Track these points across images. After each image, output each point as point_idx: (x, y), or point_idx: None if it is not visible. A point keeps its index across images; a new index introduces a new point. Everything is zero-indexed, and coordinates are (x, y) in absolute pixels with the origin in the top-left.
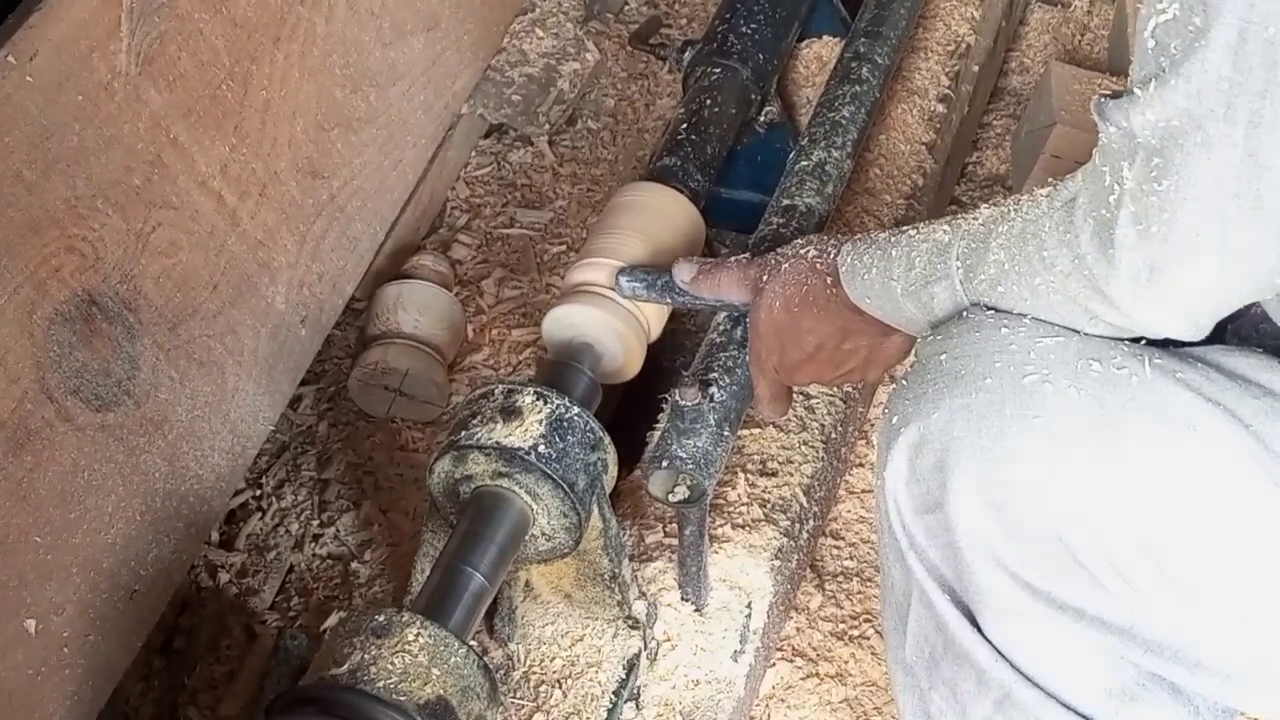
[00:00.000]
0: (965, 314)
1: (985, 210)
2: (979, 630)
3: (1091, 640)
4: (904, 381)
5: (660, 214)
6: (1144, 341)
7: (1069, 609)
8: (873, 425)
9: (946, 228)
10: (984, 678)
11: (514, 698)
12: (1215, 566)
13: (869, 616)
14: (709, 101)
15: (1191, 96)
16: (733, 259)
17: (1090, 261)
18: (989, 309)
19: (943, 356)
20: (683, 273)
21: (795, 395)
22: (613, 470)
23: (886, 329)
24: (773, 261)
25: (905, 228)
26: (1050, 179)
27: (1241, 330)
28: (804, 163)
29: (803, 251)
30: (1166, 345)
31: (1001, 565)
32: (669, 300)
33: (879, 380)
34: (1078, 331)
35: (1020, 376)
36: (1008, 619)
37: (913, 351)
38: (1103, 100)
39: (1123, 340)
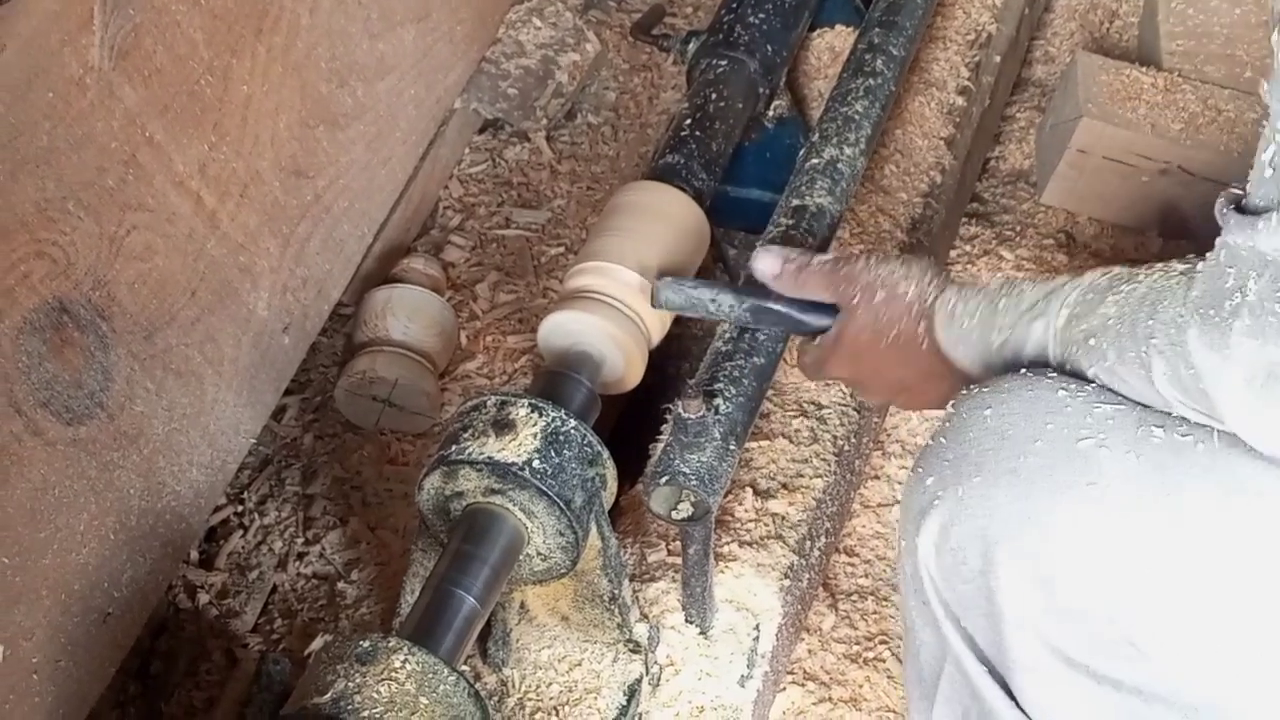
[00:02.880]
0: (1021, 371)
1: (1118, 268)
2: (1015, 702)
3: (1130, 710)
4: (941, 439)
5: (663, 214)
6: None
7: (1108, 681)
8: (888, 435)
9: (1067, 277)
10: None
11: None
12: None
13: (885, 638)
14: (715, 95)
15: None
16: (816, 259)
17: (1196, 360)
18: (1052, 372)
19: (987, 412)
20: (766, 264)
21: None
22: (612, 486)
23: (962, 377)
24: (864, 279)
25: (1022, 281)
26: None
27: None
28: (815, 160)
29: (901, 290)
30: None
31: (1042, 639)
32: (713, 315)
33: None
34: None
35: (1074, 440)
36: (1043, 690)
37: (949, 403)
38: (1225, 211)
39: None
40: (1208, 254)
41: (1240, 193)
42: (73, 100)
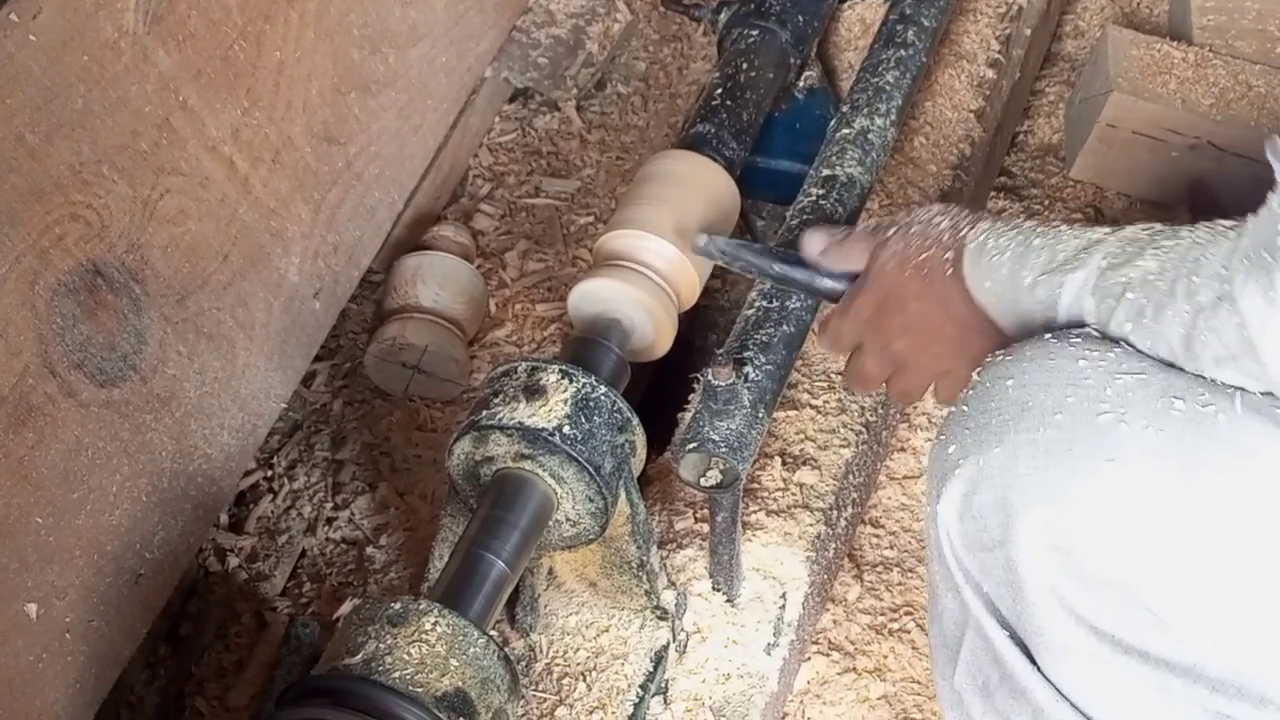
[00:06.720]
0: (1044, 337)
1: (1159, 225)
2: (1037, 667)
3: (1156, 681)
4: (964, 407)
5: (693, 184)
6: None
7: (1134, 651)
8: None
9: (1107, 229)
10: (1041, 716)
11: (535, 690)
12: None
13: (909, 609)
14: (746, 65)
15: None
16: (860, 228)
17: (1242, 306)
18: (1076, 337)
19: (1009, 382)
20: (813, 245)
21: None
22: (641, 453)
23: (982, 330)
24: (902, 221)
25: (1059, 225)
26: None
27: None
28: (845, 130)
29: (936, 220)
30: None
31: (1065, 607)
32: (745, 272)
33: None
34: (1170, 367)
35: (1094, 414)
36: (1067, 658)
37: (975, 370)
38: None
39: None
40: (1260, 210)
41: None
42: (107, 64)
